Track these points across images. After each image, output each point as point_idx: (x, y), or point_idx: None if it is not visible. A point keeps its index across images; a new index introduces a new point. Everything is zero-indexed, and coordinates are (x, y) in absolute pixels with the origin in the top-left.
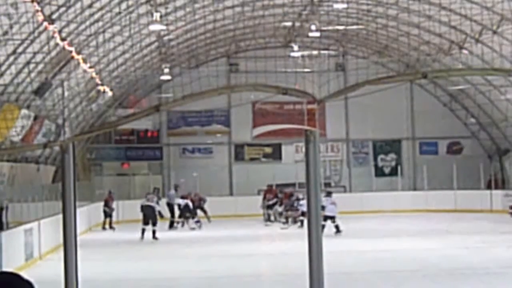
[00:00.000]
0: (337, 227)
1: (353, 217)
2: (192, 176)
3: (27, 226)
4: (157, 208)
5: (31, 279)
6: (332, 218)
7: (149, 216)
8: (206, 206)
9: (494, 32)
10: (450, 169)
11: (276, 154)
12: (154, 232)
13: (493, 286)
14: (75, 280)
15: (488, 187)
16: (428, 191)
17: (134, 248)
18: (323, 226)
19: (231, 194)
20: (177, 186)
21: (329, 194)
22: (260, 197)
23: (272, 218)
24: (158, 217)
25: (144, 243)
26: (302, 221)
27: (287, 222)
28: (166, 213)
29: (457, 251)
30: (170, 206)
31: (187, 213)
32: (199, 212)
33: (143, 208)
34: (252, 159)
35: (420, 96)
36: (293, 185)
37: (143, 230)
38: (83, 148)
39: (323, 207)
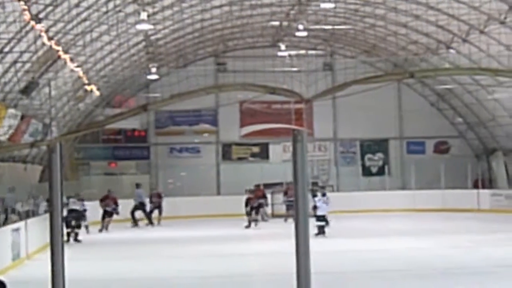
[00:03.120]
0: (321, 227)
1: (340, 217)
2: (180, 175)
3: (14, 225)
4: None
5: (14, 280)
6: (322, 217)
7: (75, 219)
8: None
9: (482, 32)
10: (438, 169)
11: (263, 154)
12: (76, 234)
13: (484, 285)
14: (62, 280)
15: (475, 186)
16: (416, 191)
17: (123, 248)
18: (321, 226)
19: (218, 193)
20: (139, 184)
21: (323, 194)
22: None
23: (259, 218)
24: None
25: (133, 242)
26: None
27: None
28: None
29: (447, 250)
30: (142, 204)
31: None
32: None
33: (69, 212)
34: (239, 159)
35: (408, 95)
36: (281, 184)
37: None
38: (70, 148)
39: (315, 207)
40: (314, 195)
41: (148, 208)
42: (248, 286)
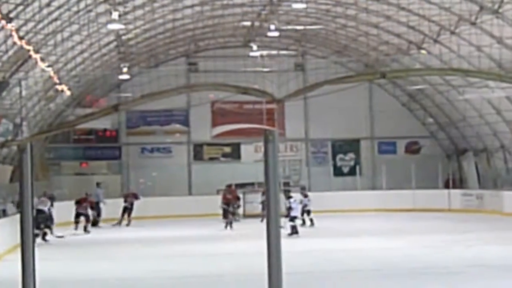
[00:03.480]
0: (294, 227)
1: (312, 216)
2: (151, 175)
3: None
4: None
5: None
6: (295, 217)
7: (42, 221)
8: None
9: (452, 33)
10: (409, 169)
11: (235, 154)
12: (45, 234)
13: (453, 285)
14: (32, 280)
15: (446, 186)
16: (387, 191)
17: (93, 249)
18: (294, 226)
19: (190, 193)
20: (99, 183)
21: (305, 195)
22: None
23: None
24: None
25: (103, 243)
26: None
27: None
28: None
29: (417, 250)
30: (97, 204)
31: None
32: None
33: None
34: (211, 159)
35: (379, 95)
36: (252, 184)
37: (37, 234)
38: (41, 148)
39: (290, 208)
40: (289, 197)
41: (101, 209)
42: (219, 286)
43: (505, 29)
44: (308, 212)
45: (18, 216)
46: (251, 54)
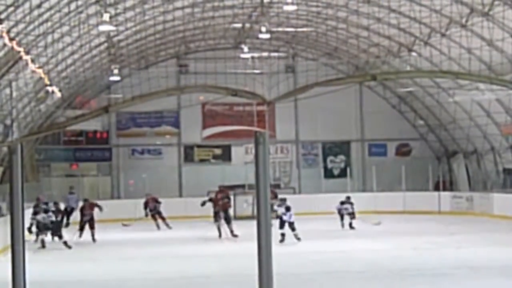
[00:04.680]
0: (284, 235)
1: (302, 218)
2: (141, 177)
3: None
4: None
5: None
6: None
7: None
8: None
9: (443, 35)
10: (399, 171)
11: (225, 156)
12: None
13: (440, 286)
14: (22, 281)
15: (436, 188)
16: (377, 193)
17: (83, 250)
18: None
19: (180, 195)
20: (72, 187)
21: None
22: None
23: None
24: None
25: (93, 244)
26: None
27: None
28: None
29: (405, 252)
30: (69, 209)
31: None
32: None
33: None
34: (201, 160)
35: (369, 98)
36: (243, 186)
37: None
38: (31, 149)
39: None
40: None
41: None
42: (207, 285)
43: (495, 32)
44: (282, 224)
45: (7, 217)
46: (242, 56)
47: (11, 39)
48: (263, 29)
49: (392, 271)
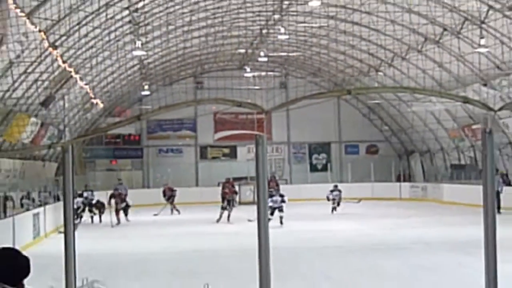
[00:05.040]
0: (281, 217)
1: (292, 204)
2: (166, 171)
3: (35, 210)
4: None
5: (35, 254)
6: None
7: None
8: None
9: (403, 59)
10: (368, 166)
11: (232, 154)
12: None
13: (402, 258)
14: (72, 254)
15: (398, 180)
16: (351, 183)
17: (120, 229)
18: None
19: (197, 185)
20: (120, 179)
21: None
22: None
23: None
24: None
25: (127, 225)
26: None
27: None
28: None
29: (374, 231)
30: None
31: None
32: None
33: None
34: (213, 158)
35: (345, 108)
36: (246, 178)
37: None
38: (79, 149)
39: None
40: (271, 194)
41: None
42: (215, 259)
43: (445, 56)
44: (277, 210)
45: (61, 203)
46: (245, 75)
47: (64, 62)
48: (262, 54)
49: (364, 246)
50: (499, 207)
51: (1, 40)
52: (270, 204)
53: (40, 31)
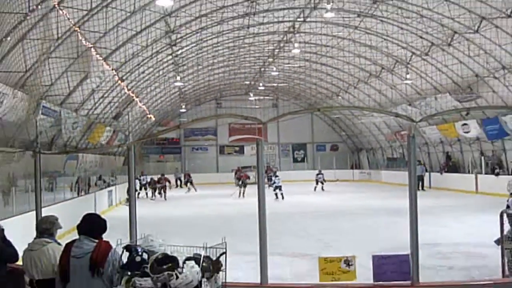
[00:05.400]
0: (276, 194)
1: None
2: (197, 163)
3: (109, 188)
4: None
5: (109, 217)
6: (279, 187)
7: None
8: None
9: (355, 87)
10: (332, 159)
11: (241, 151)
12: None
13: (354, 219)
14: (134, 217)
15: (351, 168)
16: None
17: (171, 202)
18: (276, 193)
19: (217, 171)
20: (177, 168)
21: (276, 175)
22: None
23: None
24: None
25: (175, 198)
26: (279, 193)
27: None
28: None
29: (336, 202)
30: (179, 179)
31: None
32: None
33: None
34: (228, 153)
35: (316, 120)
36: (250, 167)
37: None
38: (139, 147)
39: (274, 182)
40: (276, 176)
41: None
42: (229, 220)
43: (383, 85)
44: (278, 188)
45: (125, 183)
46: (249, 98)
47: (128, 90)
48: (260, 84)
49: (330, 211)
50: (423, 186)
51: (86, 76)
52: (279, 183)
53: (112, 69)
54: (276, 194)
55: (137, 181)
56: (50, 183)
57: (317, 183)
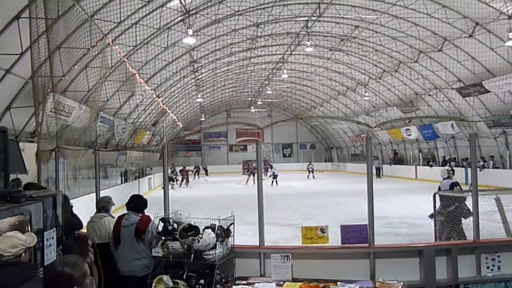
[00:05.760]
0: (273, 181)
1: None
2: (213, 157)
3: (149, 176)
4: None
5: (149, 197)
6: (276, 175)
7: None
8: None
9: (328, 102)
10: (311, 154)
11: (245, 148)
12: (181, 182)
13: (326, 198)
14: (167, 197)
15: (325, 161)
16: (303, 163)
17: (194, 187)
18: (273, 181)
19: (227, 164)
20: (174, 164)
21: (271, 166)
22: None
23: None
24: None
25: (196, 183)
26: (274, 180)
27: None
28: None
29: (314, 185)
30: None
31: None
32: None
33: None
34: (236, 150)
35: (300, 126)
36: (251, 160)
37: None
38: (171, 146)
39: (273, 172)
40: (271, 167)
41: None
42: (237, 199)
43: (347, 101)
44: (275, 177)
45: (161, 173)
46: (251, 110)
47: (163, 104)
48: (259, 100)
49: (310, 192)
50: (380, 175)
51: (132, 94)
52: (275, 172)
53: (151, 89)
54: (272, 182)
55: (169, 170)
56: (105, 172)
57: (309, 172)
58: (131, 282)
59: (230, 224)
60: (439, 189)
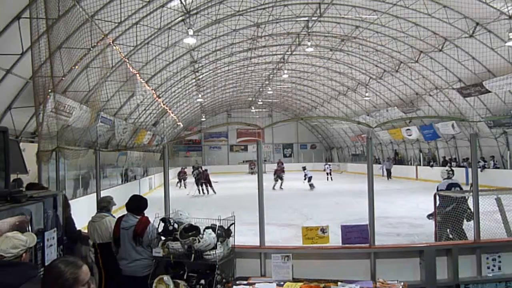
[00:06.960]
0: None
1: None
2: (213, 157)
3: (150, 176)
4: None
5: (149, 197)
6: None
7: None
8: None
9: (328, 102)
10: (311, 155)
11: (245, 149)
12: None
13: (327, 198)
14: (168, 197)
15: (326, 161)
16: (303, 163)
17: (190, 187)
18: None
19: (228, 164)
20: (198, 163)
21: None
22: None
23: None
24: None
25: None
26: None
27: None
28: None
29: (316, 186)
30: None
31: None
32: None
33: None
34: (236, 151)
35: (300, 126)
36: (252, 160)
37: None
38: (171, 146)
39: (305, 174)
40: (304, 168)
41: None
42: (242, 198)
43: (348, 101)
44: (310, 179)
45: (161, 173)
46: (251, 111)
47: (163, 104)
48: (260, 99)
49: (311, 193)
50: (390, 176)
51: (133, 94)
52: (308, 174)
53: (151, 89)
54: (309, 186)
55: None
56: (103, 172)
57: (327, 174)
58: (131, 282)
59: (231, 224)
60: (437, 189)
